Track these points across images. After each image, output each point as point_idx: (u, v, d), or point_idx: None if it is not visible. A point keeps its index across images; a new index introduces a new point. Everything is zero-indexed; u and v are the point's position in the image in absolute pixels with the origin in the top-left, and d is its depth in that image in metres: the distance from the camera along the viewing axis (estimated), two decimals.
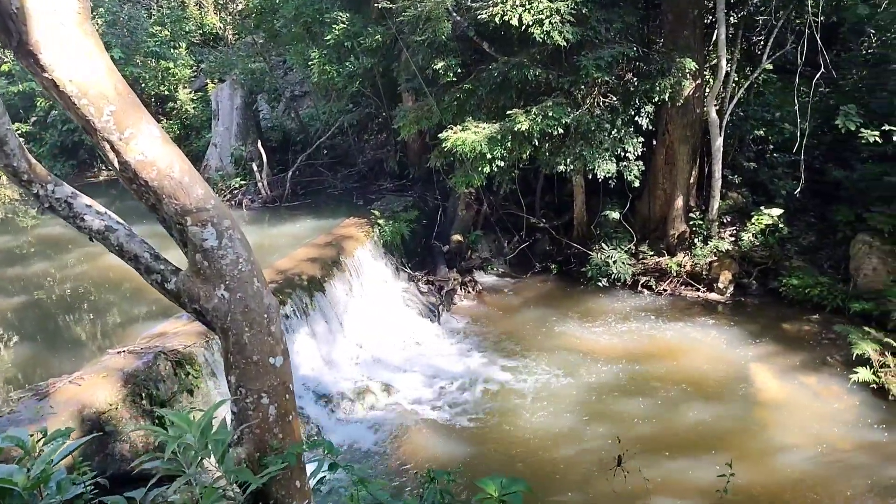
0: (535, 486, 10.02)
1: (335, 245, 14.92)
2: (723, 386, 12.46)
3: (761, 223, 15.99)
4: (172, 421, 3.08)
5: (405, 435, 11.58)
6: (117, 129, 3.82)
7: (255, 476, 3.30)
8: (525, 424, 11.71)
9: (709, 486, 9.49)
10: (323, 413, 11.79)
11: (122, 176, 3.98)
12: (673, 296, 16.18)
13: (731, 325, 14.63)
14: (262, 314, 4.03)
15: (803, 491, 9.64)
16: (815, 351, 13.27)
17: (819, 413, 11.43)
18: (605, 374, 13.03)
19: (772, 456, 10.42)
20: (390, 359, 13.73)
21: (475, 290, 16.70)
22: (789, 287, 15.16)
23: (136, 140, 3.87)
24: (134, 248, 4.15)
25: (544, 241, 18.01)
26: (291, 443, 3.99)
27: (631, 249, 16.84)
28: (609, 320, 15.23)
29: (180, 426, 3.06)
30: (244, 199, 18.85)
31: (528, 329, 15.11)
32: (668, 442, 10.90)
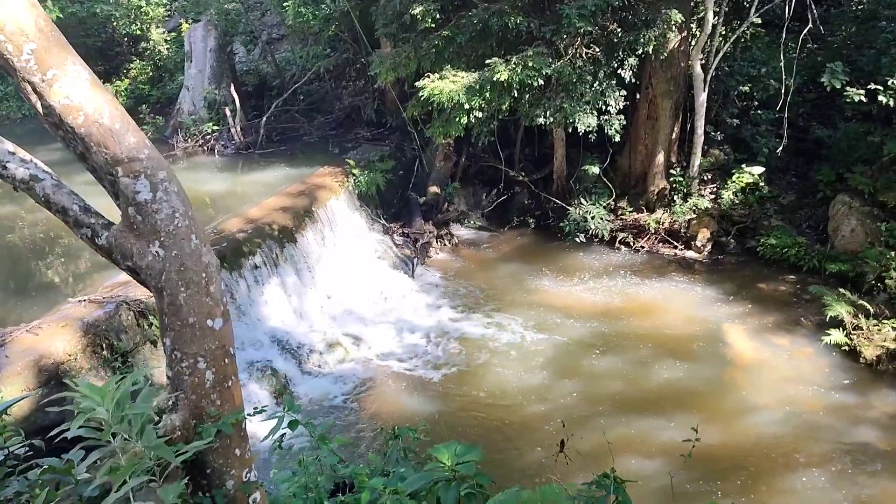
0: (502, 444, 9.96)
1: (308, 195, 14.56)
2: (695, 345, 12.41)
3: (742, 181, 15.81)
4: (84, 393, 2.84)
5: (374, 389, 11.46)
6: (39, 70, 3.47)
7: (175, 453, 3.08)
8: (496, 380, 11.61)
9: (675, 446, 9.44)
10: (292, 366, 11.61)
11: (47, 121, 3.65)
12: (650, 253, 16.04)
13: (706, 284, 14.54)
14: (200, 273, 3.76)
15: (770, 452, 9.64)
16: (790, 312, 13.23)
17: (790, 374, 11.42)
18: (578, 331, 12.93)
19: (741, 416, 10.40)
20: (362, 312, 13.53)
21: (451, 243, 16.46)
22: (767, 247, 15.05)
23: (60, 82, 3.52)
24: (62, 200, 3.84)
25: (523, 194, 17.74)
26: (231, 409, 3.76)
27: (610, 205, 16.63)
28: (585, 277, 15.09)
29: (92, 398, 2.82)
30: (217, 144, 18.32)
31: (504, 284, 14.94)
32: (637, 400, 10.86)
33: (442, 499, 4.08)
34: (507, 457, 9.70)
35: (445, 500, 4.07)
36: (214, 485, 3.76)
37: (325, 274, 13.77)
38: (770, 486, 9.04)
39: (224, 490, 3.75)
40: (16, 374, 8.56)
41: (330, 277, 13.84)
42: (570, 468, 8.75)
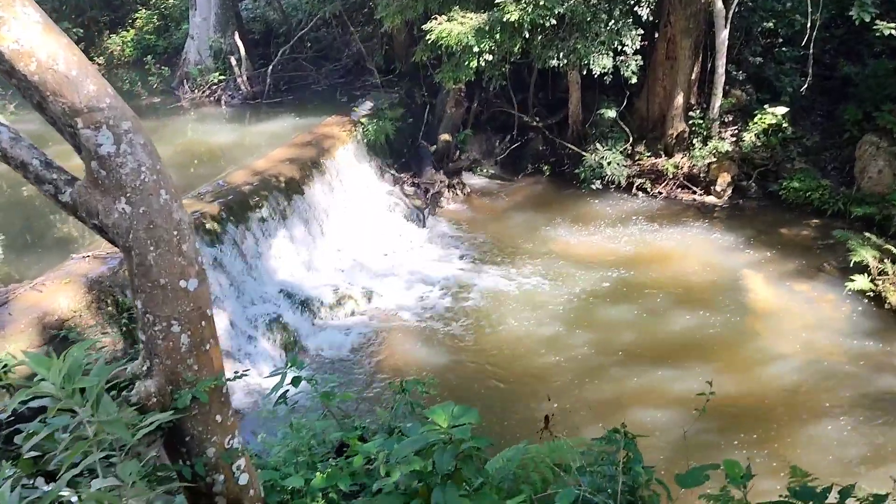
0: (512, 396, 9.80)
1: (315, 145, 14.22)
2: (714, 293, 12.09)
3: (764, 122, 15.22)
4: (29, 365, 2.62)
5: (385, 342, 11.31)
6: None
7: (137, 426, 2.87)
8: (508, 331, 11.41)
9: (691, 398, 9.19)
10: (301, 319, 11.46)
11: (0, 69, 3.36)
12: (668, 199, 15.61)
13: (726, 230, 14.14)
14: (171, 231, 3.49)
15: (790, 401, 9.40)
16: (812, 257, 12.83)
17: (811, 321, 11.10)
18: (593, 280, 12.64)
19: (760, 365, 10.14)
20: (373, 264, 13.32)
21: (463, 192, 16.11)
22: (789, 190, 14.56)
23: (7, 25, 3.22)
24: (21, 154, 3.57)
25: (537, 141, 17.25)
26: (209, 374, 3.55)
27: (627, 150, 16.13)
28: (601, 225, 14.73)
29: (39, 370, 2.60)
30: (223, 94, 17.92)
31: (517, 233, 14.63)
32: (653, 351, 10.62)
33: (437, 462, 3.88)
34: (517, 410, 9.54)
35: (441, 463, 3.87)
36: (194, 453, 3.57)
37: (334, 226, 13.53)
38: (791, 436, 8.82)
39: (204, 458, 3.57)
40: (19, 331, 8.46)
41: (339, 229, 13.60)
42: (582, 420, 8.59)
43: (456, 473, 4.09)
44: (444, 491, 3.92)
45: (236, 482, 3.70)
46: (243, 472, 3.73)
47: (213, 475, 3.63)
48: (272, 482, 3.99)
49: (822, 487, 4.49)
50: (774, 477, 7.34)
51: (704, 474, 4.91)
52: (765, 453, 8.30)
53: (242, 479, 3.73)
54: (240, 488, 3.72)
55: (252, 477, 3.80)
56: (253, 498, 3.77)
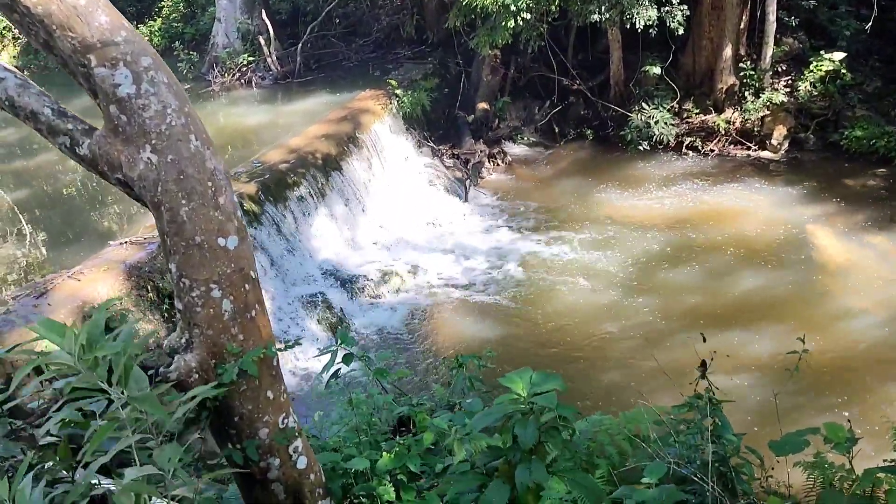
0: (574, 368, 9.27)
1: (351, 120, 13.75)
2: (778, 250, 11.38)
3: (821, 70, 14.33)
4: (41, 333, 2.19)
5: (434, 317, 10.85)
6: None
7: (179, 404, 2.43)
8: (562, 301, 10.87)
9: (769, 359, 8.64)
10: (346, 298, 11.05)
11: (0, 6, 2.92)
12: (721, 156, 14.83)
13: (786, 185, 13.36)
14: (205, 182, 3.04)
15: (874, 359, 8.72)
16: (882, 208, 12.02)
17: (888, 275, 10.34)
18: (647, 245, 12.00)
19: (837, 323, 9.45)
20: (416, 239, 12.85)
21: (504, 161, 15.51)
22: (852, 139, 13.70)
23: None
24: (30, 103, 3.14)
25: (578, 104, 16.54)
26: (256, 344, 3.09)
27: (674, 108, 15.36)
28: (651, 187, 14.04)
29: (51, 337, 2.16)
30: (254, 76, 17.53)
31: (563, 201, 14.02)
32: (719, 314, 9.98)
33: (520, 436, 3.39)
34: (582, 380, 9.02)
35: (524, 437, 3.38)
36: (245, 435, 3.13)
37: (374, 202, 13.09)
38: (877, 395, 8.16)
39: (257, 440, 3.12)
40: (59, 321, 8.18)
41: (380, 205, 13.15)
42: (655, 389, 8.03)
43: (540, 448, 3.60)
44: (530, 467, 3.43)
45: (294, 466, 3.26)
46: (301, 454, 3.28)
47: (268, 459, 3.19)
48: (333, 465, 3.53)
49: None
50: (872, 440, 6.69)
51: (803, 439, 4.34)
52: (857, 415, 7.65)
53: (301, 463, 3.28)
54: (298, 472, 3.27)
55: (311, 460, 3.35)
56: (314, 483, 3.33)
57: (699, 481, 4.27)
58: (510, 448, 3.55)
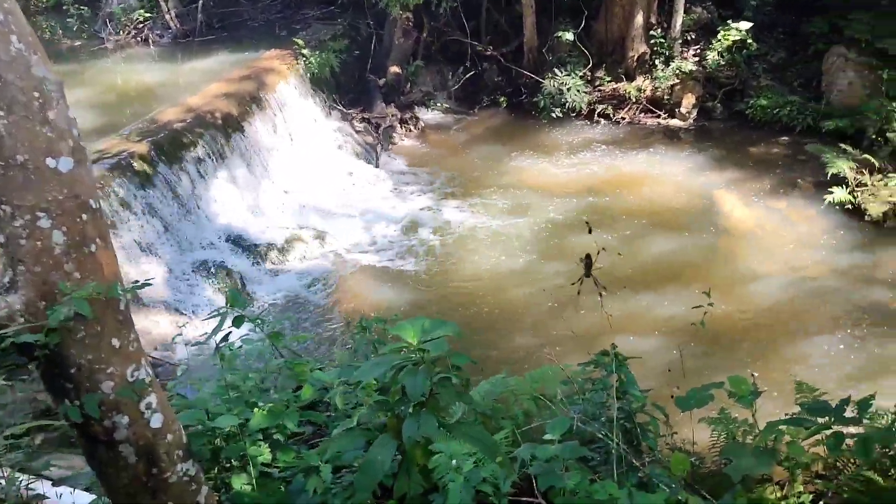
0: (486, 331, 9.06)
1: (254, 79, 13.05)
2: (688, 216, 11.47)
3: (728, 39, 14.50)
4: None
5: (342, 284, 10.43)
6: None
7: None
8: (475, 267, 10.63)
9: (677, 320, 8.65)
10: (248, 265, 10.49)
11: None
12: (632, 124, 14.88)
13: (694, 152, 13.50)
14: (30, 92, 2.55)
15: (777, 320, 8.85)
16: (786, 174, 12.27)
17: (792, 238, 10.55)
18: (561, 210, 11.90)
19: (743, 286, 9.56)
20: (324, 205, 12.34)
21: (417, 127, 15.13)
22: (757, 108, 13.95)
23: None
24: None
25: (492, 71, 16.29)
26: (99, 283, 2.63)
27: (586, 76, 15.29)
28: (564, 154, 13.95)
29: None
30: (151, 34, 16.48)
31: (477, 167, 13.77)
32: (631, 277, 9.90)
33: (408, 387, 3.07)
34: (493, 345, 8.82)
35: (412, 388, 3.05)
36: (84, 388, 2.67)
37: (280, 166, 12.48)
38: (780, 354, 8.27)
39: (99, 395, 2.67)
40: None
41: (286, 169, 12.56)
42: (565, 351, 7.89)
43: (431, 400, 3.29)
44: (419, 421, 3.11)
45: (147, 424, 2.83)
46: (155, 411, 2.85)
47: (113, 416, 2.75)
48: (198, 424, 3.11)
49: (840, 400, 3.82)
50: (776, 398, 6.75)
51: (708, 394, 4.19)
52: (761, 374, 7.68)
53: (155, 421, 2.85)
54: (152, 432, 2.84)
55: (169, 418, 2.93)
56: (171, 444, 2.91)
57: (604, 438, 4.08)
58: (398, 401, 3.22)
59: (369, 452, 3.12)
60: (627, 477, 3.92)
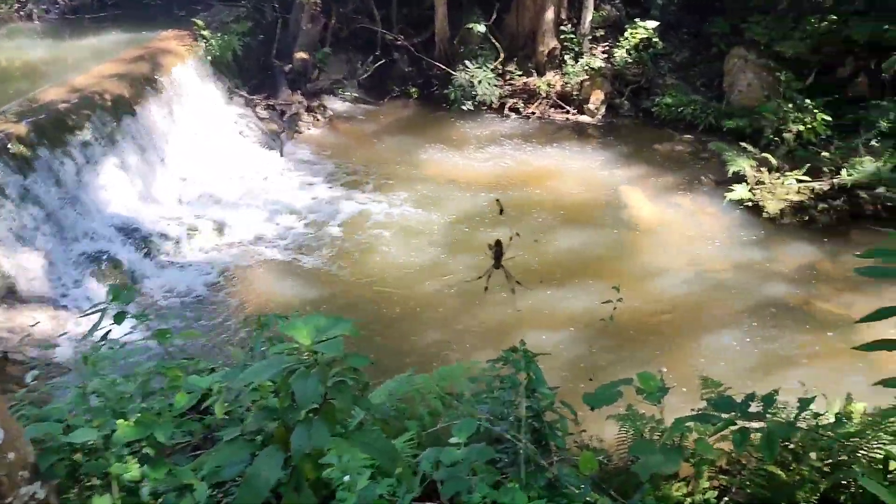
0: (393, 327, 8.78)
1: (149, 60, 12.29)
2: (595, 210, 11.52)
3: (635, 37, 14.72)
4: None
5: (242, 278, 9.93)
6: None
7: None
8: (382, 261, 10.33)
9: (585, 314, 8.60)
10: (139, 257, 9.82)
11: None
12: (542, 119, 14.90)
13: (602, 148, 13.63)
14: None
15: (681, 314, 8.95)
16: (689, 171, 12.53)
17: (695, 234, 10.74)
18: (470, 204, 11.73)
19: (648, 280, 9.63)
20: (224, 194, 11.75)
21: (325, 116, 14.66)
22: (662, 106, 14.21)
23: None
24: None
25: (403, 61, 15.98)
26: None
27: (497, 69, 15.21)
28: (474, 147, 13.81)
29: None
30: (35, 8, 15.32)
31: (386, 159, 13.45)
32: (539, 271, 9.86)
33: (298, 393, 2.75)
34: (400, 342, 8.55)
35: (303, 394, 2.73)
36: None
37: (176, 152, 11.80)
38: (684, 348, 8.36)
39: None
40: None
41: (183, 156, 11.89)
42: (474, 347, 7.71)
43: (325, 406, 2.98)
44: (310, 431, 2.80)
45: None
46: None
47: None
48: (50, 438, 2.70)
49: (746, 395, 3.76)
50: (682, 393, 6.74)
51: (616, 391, 4.07)
52: (667, 368, 7.73)
53: None
54: None
55: (13, 433, 2.50)
56: (14, 464, 2.49)
57: (512, 438, 3.89)
58: (287, 408, 2.90)
59: (253, 466, 2.78)
60: (535, 478, 3.76)
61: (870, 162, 10.78)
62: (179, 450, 3.58)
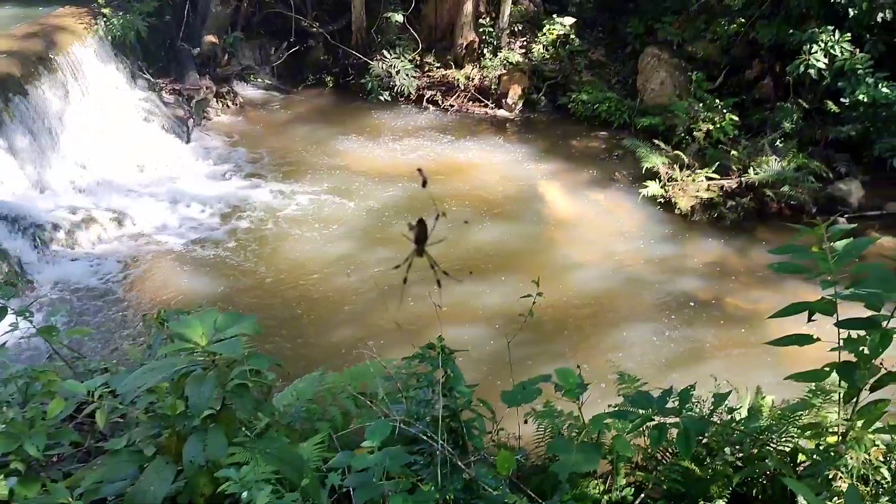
0: (305, 323, 8.45)
1: (42, 38, 11.48)
2: (513, 205, 11.48)
3: (553, 33, 14.80)
4: None
5: (143, 271, 9.38)
6: None
7: None
8: (294, 254, 9.97)
9: (503, 309, 8.50)
10: (28, 248, 9.14)
11: None
12: (460, 112, 14.76)
13: (520, 143, 13.60)
14: None
15: (596, 308, 8.99)
16: (605, 168, 12.64)
17: (610, 229, 10.83)
18: (387, 195, 11.49)
19: (564, 275, 9.63)
20: (126, 183, 11.12)
21: (235, 102, 14.09)
22: (578, 103, 14.28)
23: None
24: None
25: (318, 49, 15.53)
26: None
27: (416, 60, 14.98)
28: (392, 138, 13.55)
29: None
30: None
31: (300, 148, 13.04)
32: (456, 265, 9.56)
33: (192, 399, 2.47)
34: (310, 339, 8.24)
35: (197, 399, 2.45)
36: None
37: (72, 137, 11.07)
38: (597, 343, 8.40)
39: None
40: None
41: (80, 142, 11.15)
42: (389, 343, 7.47)
43: (223, 413, 2.71)
44: (205, 440, 2.52)
45: None
46: None
47: None
48: None
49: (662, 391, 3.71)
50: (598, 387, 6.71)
51: (535, 388, 3.95)
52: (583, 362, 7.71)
53: None
54: None
55: None
56: None
57: (428, 440, 3.70)
58: (180, 415, 2.61)
59: (139, 482, 2.48)
60: (452, 480, 3.58)
61: (775, 161, 11.13)
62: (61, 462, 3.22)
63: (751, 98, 13.11)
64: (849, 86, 11.15)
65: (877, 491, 3.54)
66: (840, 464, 3.53)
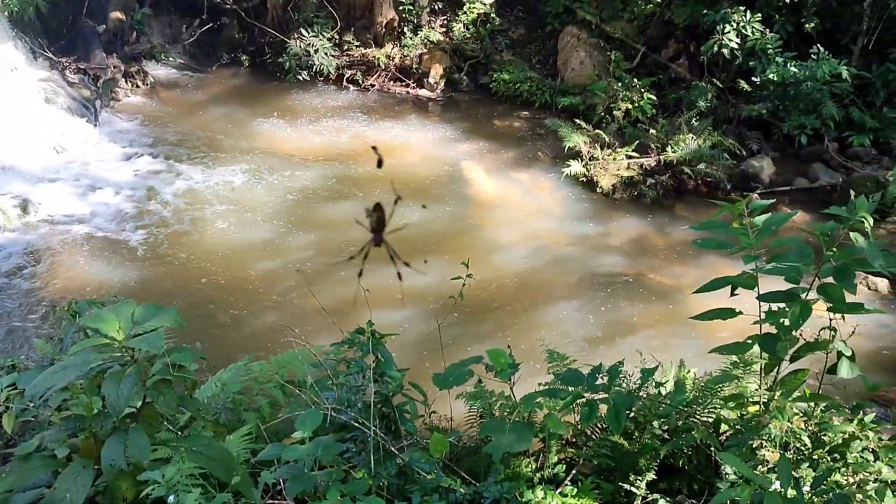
0: (227, 311, 8.19)
1: None
2: (436, 186, 11.40)
3: (473, 12, 14.76)
4: None
5: (50, 261, 8.88)
6: None
7: None
8: (213, 239, 9.63)
9: (430, 290, 8.43)
10: None
11: None
12: (381, 92, 14.56)
13: (443, 123, 13.52)
14: None
15: (522, 288, 9.02)
16: (527, 147, 12.70)
17: (533, 209, 10.91)
18: (308, 178, 11.23)
19: (489, 255, 9.65)
20: (27, 167, 10.48)
21: (146, 82, 13.48)
22: (500, 83, 14.32)
23: None
24: None
25: (232, 27, 15.03)
26: None
27: (335, 38, 14.67)
28: (312, 119, 13.25)
29: None
30: None
31: (216, 129, 12.60)
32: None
33: (109, 397, 2.30)
34: (233, 327, 7.98)
35: (115, 398, 2.30)
36: None
37: None
38: (525, 322, 8.43)
39: None
40: None
41: None
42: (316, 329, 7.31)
43: (144, 411, 2.55)
44: (125, 441, 2.36)
45: None
46: None
47: None
48: None
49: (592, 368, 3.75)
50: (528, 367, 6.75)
51: (466, 370, 3.94)
52: (512, 341, 7.75)
53: None
54: None
55: None
56: None
57: (360, 427, 3.63)
58: (98, 415, 2.44)
59: (54, 489, 2.31)
60: (386, 466, 3.53)
61: (691, 140, 11.42)
62: None
63: (667, 77, 13.41)
64: (759, 65, 11.55)
65: (798, 457, 3.66)
66: (763, 433, 3.64)
